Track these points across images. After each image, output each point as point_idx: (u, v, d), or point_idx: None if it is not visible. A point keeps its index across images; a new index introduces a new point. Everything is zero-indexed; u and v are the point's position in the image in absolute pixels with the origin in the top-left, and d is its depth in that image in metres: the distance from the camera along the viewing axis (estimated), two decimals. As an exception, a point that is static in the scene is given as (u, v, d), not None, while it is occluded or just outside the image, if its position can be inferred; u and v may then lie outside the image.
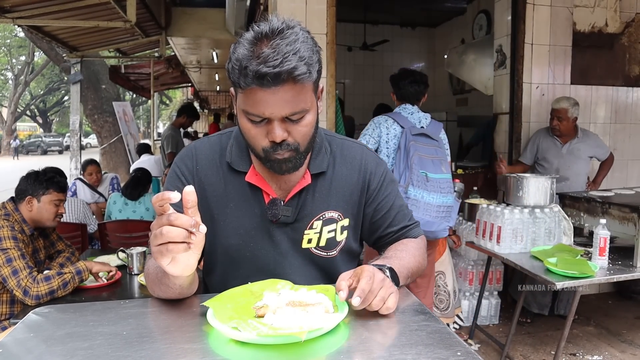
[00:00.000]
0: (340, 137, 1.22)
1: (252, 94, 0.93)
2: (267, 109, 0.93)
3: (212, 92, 16.94)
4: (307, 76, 0.92)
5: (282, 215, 1.08)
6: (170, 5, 6.48)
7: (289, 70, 0.89)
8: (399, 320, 0.87)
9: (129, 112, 10.07)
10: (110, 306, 0.96)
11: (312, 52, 0.94)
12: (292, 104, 0.94)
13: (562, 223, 2.93)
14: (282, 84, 0.91)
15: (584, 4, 3.96)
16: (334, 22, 3.34)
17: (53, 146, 28.13)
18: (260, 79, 0.89)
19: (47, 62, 20.95)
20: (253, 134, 0.99)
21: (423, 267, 1.18)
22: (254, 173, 1.09)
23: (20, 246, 2.17)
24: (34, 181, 2.40)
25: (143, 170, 4.00)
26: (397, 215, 1.20)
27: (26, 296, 2.04)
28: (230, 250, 1.11)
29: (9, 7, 4.70)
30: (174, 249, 0.79)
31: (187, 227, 0.78)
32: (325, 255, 1.13)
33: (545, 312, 3.63)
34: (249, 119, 0.97)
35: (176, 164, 1.14)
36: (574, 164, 3.57)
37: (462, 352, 0.74)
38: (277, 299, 0.89)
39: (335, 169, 1.14)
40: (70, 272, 2.13)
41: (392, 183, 1.22)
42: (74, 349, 0.77)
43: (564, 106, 3.49)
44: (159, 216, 0.80)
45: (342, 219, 1.14)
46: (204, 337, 0.82)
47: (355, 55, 7.66)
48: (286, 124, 0.96)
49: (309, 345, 0.77)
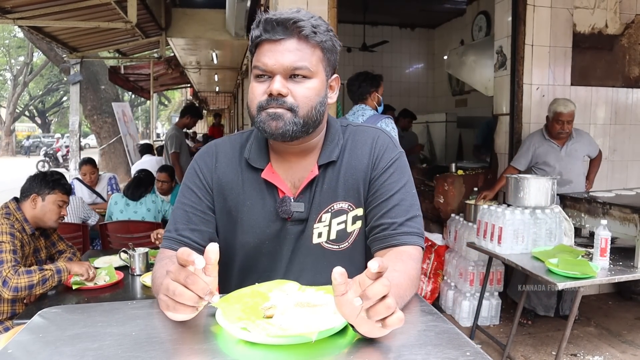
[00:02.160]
0: (356, 124, 1.16)
1: (261, 47, 0.99)
2: (271, 58, 0.97)
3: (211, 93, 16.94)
4: (312, 35, 0.98)
5: (295, 212, 1.07)
6: (170, 6, 6.49)
7: (294, 20, 0.96)
8: (407, 321, 0.87)
9: (128, 112, 10.06)
10: (118, 307, 0.96)
11: (320, 23, 1.00)
12: (295, 57, 0.97)
13: (563, 224, 2.94)
14: (287, 36, 0.97)
15: (584, 5, 3.97)
16: (335, 24, 3.35)
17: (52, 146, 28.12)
18: (269, 26, 0.97)
19: (46, 62, 20.94)
20: (255, 91, 1.00)
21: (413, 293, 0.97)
22: (270, 170, 1.08)
23: (15, 243, 2.18)
24: (40, 180, 2.45)
25: (145, 172, 4.01)
26: (394, 207, 1.06)
27: (4, 287, 2.03)
28: (247, 247, 1.10)
29: (9, 8, 4.70)
30: (180, 309, 0.78)
31: (200, 295, 0.76)
32: (337, 248, 1.10)
33: (551, 313, 3.63)
34: (256, 76, 1.00)
35: (196, 161, 1.13)
36: (574, 166, 3.57)
37: (471, 352, 0.74)
38: (285, 300, 0.89)
39: (345, 157, 1.10)
40: (50, 269, 2.13)
41: (400, 171, 1.10)
42: (83, 349, 0.77)
43: (572, 109, 3.42)
44: (179, 268, 0.77)
45: (354, 209, 1.09)
46: (213, 337, 0.82)
47: (355, 56, 7.66)
48: (288, 82, 0.98)
49: (319, 346, 0.77)
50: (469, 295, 3.60)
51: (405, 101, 7.91)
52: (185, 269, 0.76)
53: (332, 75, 1.06)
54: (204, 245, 1.08)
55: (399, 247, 1.04)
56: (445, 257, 3.92)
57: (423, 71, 8.48)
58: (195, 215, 1.09)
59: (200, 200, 1.10)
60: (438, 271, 3.99)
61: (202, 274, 0.75)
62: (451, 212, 3.94)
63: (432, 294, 3.98)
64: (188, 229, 1.08)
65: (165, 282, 0.78)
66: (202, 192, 1.10)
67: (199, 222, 1.09)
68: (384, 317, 0.69)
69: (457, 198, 4.00)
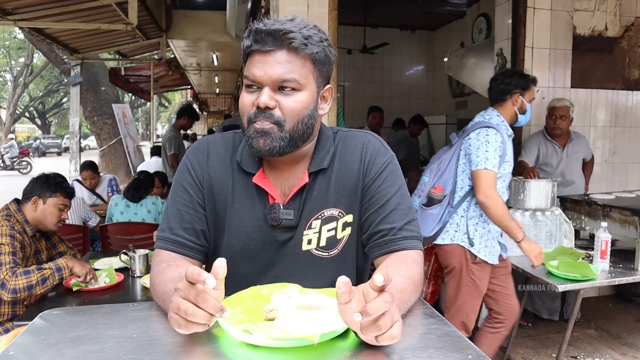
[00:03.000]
0: (346, 130, 1.15)
1: (251, 58, 0.99)
2: (260, 69, 0.97)
3: (211, 95, 16.96)
4: (302, 47, 0.97)
5: (284, 219, 1.06)
6: (170, 8, 6.50)
7: (284, 31, 0.95)
8: (409, 324, 0.87)
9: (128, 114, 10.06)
10: (119, 309, 0.96)
11: (312, 33, 0.99)
12: (284, 69, 0.96)
13: (563, 226, 2.94)
14: (277, 48, 0.96)
15: (584, 7, 3.98)
16: (335, 26, 3.35)
17: (52, 148, 28.13)
18: (257, 35, 0.96)
19: (46, 63, 20.95)
20: (244, 102, 1.00)
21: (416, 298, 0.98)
22: (262, 176, 1.08)
23: (15, 244, 2.17)
24: (43, 183, 2.45)
25: (145, 173, 4.01)
26: (392, 212, 1.06)
27: (2, 289, 2.01)
28: (231, 250, 1.09)
29: (10, 9, 4.71)
30: (192, 327, 0.76)
31: (211, 312, 0.75)
32: (326, 255, 1.09)
33: (555, 317, 3.62)
34: (246, 86, 1.01)
35: (187, 157, 1.12)
36: (575, 167, 3.58)
37: (473, 355, 0.74)
38: (287, 302, 0.89)
39: (335, 164, 1.09)
40: (50, 268, 2.11)
41: (393, 175, 1.09)
42: (85, 352, 0.77)
43: (565, 104, 3.48)
44: (188, 285, 0.75)
45: (344, 216, 1.09)
46: (215, 340, 0.82)
47: (355, 58, 7.68)
48: (277, 95, 0.98)
49: (321, 349, 0.77)
50: (469, 298, 3.60)
51: (405, 103, 7.93)
52: (194, 287, 0.75)
53: (324, 86, 1.05)
54: (197, 243, 1.09)
55: (400, 252, 1.04)
56: (446, 259, 3.91)
57: (423, 73, 8.49)
58: (187, 213, 1.09)
59: (192, 197, 1.09)
60: (438, 273, 3.98)
61: (210, 290, 0.75)
62: (451, 214, 3.93)
63: (432, 296, 3.97)
64: (181, 228, 1.08)
65: (174, 300, 0.77)
66: (194, 189, 1.09)
67: (192, 219, 1.09)
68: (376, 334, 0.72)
69: (457, 200, 3.99)
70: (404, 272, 0.95)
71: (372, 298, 0.70)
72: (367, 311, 0.69)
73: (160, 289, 0.96)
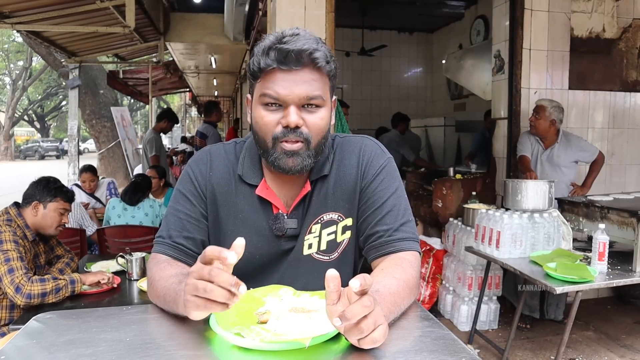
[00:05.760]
0: (344, 135, 1.16)
1: (271, 75, 0.96)
2: (286, 88, 0.95)
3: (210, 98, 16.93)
4: (325, 65, 0.97)
5: (289, 228, 1.07)
6: (169, 11, 6.50)
7: (310, 51, 0.94)
8: (403, 327, 0.87)
9: (126, 117, 10.06)
10: (113, 312, 0.96)
11: (327, 51, 0.99)
12: (311, 87, 0.96)
13: (561, 228, 2.94)
14: (302, 67, 0.95)
15: (581, 9, 3.98)
16: (333, 28, 3.35)
17: (50, 151, 28.15)
18: (283, 56, 0.94)
19: (45, 67, 20.95)
20: (266, 121, 0.98)
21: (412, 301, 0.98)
22: (264, 187, 1.08)
23: (20, 250, 2.18)
24: (43, 187, 2.45)
25: (143, 176, 4.01)
26: (388, 214, 1.06)
27: (18, 293, 2.03)
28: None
29: (8, 13, 4.70)
30: (212, 307, 0.76)
31: (227, 287, 0.74)
32: (326, 259, 1.10)
33: (536, 314, 3.62)
34: (265, 104, 0.98)
35: (190, 167, 1.13)
36: (553, 172, 3.55)
37: (467, 358, 0.74)
38: (280, 305, 0.89)
39: (334, 169, 1.10)
40: (64, 280, 2.14)
41: (390, 177, 1.10)
42: (77, 355, 0.76)
43: (543, 104, 3.54)
44: (201, 266, 0.76)
45: (344, 219, 1.10)
46: (207, 343, 0.82)
47: (354, 60, 7.69)
48: (302, 112, 0.97)
49: (313, 352, 0.77)
50: (467, 300, 3.60)
51: (403, 105, 7.92)
52: (206, 266, 0.76)
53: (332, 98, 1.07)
54: (197, 252, 1.08)
55: (397, 254, 1.03)
56: (444, 261, 3.91)
57: (421, 75, 8.50)
58: (189, 223, 1.09)
59: (194, 207, 1.09)
60: (436, 275, 3.98)
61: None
62: (449, 217, 3.94)
63: (430, 298, 3.97)
64: (182, 237, 1.08)
65: (190, 282, 0.77)
66: (197, 199, 1.10)
67: (193, 229, 1.09)
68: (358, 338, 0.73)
69: (456, 202, 4.00)
70: (399, 275, 0.95)
71: (353, 302, 0.71)
72: (345, 315, 0.70)
73: (160, 285, 0.97)
